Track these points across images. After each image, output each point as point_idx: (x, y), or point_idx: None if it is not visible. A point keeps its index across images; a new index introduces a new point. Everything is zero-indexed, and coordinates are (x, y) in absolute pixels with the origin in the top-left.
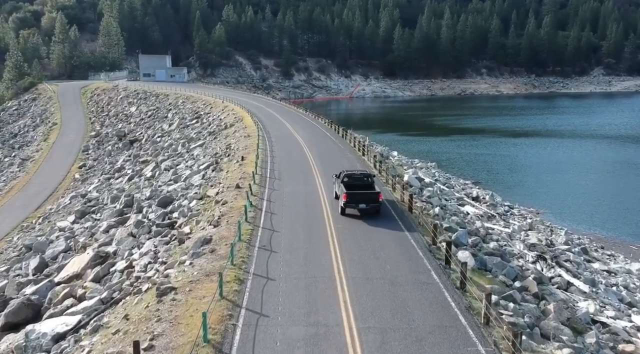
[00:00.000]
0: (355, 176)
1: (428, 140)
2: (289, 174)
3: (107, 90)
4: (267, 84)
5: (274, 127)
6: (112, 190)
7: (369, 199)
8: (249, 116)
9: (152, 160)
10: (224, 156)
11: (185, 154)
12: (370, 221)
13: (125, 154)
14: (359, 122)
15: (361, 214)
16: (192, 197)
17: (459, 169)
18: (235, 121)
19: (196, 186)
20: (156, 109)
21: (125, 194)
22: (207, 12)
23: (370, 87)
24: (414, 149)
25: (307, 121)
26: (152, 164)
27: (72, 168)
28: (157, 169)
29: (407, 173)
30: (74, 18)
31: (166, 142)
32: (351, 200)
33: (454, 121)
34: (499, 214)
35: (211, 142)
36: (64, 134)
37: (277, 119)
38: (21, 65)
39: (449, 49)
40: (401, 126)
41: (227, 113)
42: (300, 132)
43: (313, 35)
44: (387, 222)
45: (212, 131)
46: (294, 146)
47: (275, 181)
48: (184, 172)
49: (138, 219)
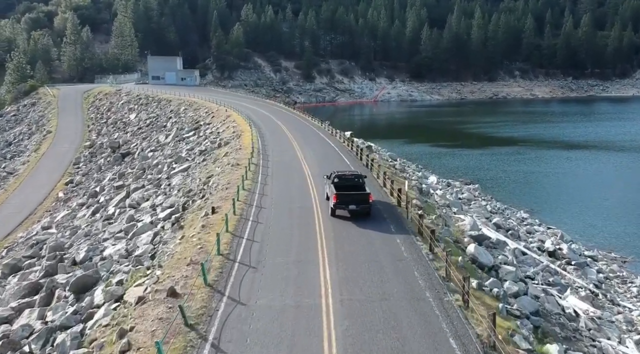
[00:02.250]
0: (346, 177)
1: (463, 153)
2: (279, 255)
3: (110, 95)
4: (287, 87)
5: (275, 148)
6: (61, 232)
7: (359, 200)
8: (250, 130)
9: (126, 187)
10: (197, 197)
11: (164, 181)
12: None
13: (113, 171)
14: (383, 128)
15: (351, 215)
16: (110, 295)
17: (507, 192)
18: (232, 138)
19: (134, 258)
20: (156, 117)
21: (49, 253)
22: (226, 12)
23: (395, 90)
24: (448, 165)
25: (320, 138)
26: (124, 192)
27: (58, 184)
28: (123, 202)
29: (466, 233)
30: (88, 18)
31: (155, 159)
32: (341, 201)
33: (489, 129)
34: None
35: (196, 166)
36: (57, 143)
37: (283, 135)
38: (23, 68)
39: (480, 50)
40: (430, 135)
41: (227, 125)
42: (310, 159)
43: (336, 36)
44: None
45: (204, 150)
46: (297, 185)
47: (248, 276)
48: (142, 219)
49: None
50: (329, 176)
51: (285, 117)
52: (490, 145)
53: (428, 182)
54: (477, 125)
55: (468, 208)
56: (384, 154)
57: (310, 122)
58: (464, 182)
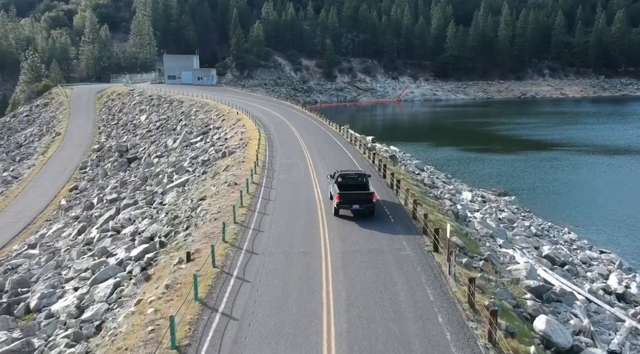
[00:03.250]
0: (350, 176)
1: (494, 158)
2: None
3: (122, 95)
4: (308, 87)
5: (284, 161)
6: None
7: (362, 199)
8: (258, 138)
9: (118, 202)
10: (181, 228)
11: (158, 197)
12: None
13: (117, 178)
14: (407, 130)
15: (354, 215)
16: None
17: (547, 205)
18: (238, 146)
19: (78, 324)
20: (167, 118)
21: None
22: (246, 10)
23: (419, 89)
24: (478, 172)
25: (337, 149)
26: (113, 210)
27: (62, 190)
28: (108, 224)
29: (522, 283)
30: (108, 17)
31: (158, 167)
32: (344, 200)
33: (520, 131)
34: None
35: (194, 181)
36: (65, 146)
37: (295, 143)
38: (38, 67)
39: (508, 48)
40: (457, 137)
41: (236, 131)
42: (324, 178)
43: (358, 34)
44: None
45: (207, 159)
46: (304, 220)
47: None
48: (115, 253)
49: None
50: (332, 175)
51: (300, 121)
52: (522, 149)
53: (462, 199)
54: (507, 126)
55: (512, 234)
56: (410, 163)
57: (327, 127)
58: (497, 192)
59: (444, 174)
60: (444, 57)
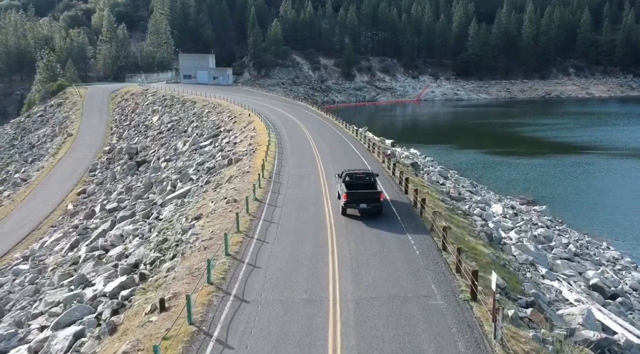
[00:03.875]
0: (357, 175)
1: (520, 162)
2: None
3: (136, 95)
4: (326, 86)
5: (293, 172)
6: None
7: (370, 198)
8: (267, 143)
9: (115, 213)
10: (168, 256)
11: (156, 209)
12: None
13: (125, 182)
14: (427, 131)
15: (362, 214)
16: None
17: (582, 216)
18: (245, 153)
19: None
20: (178, 120)
21: None
22: (264, 9)
23: (440, 88)
24: (504, 177)
25: (354, 156)
26: (108, 223)
27: (70, 194)
28: (97, 241)
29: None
30: (125, 16)
31: (164, 173)
32: (352, 199)
33: (546, 132)
34: None
35: (196, 191)
36: (76, 148)
37: (307, 149)
38: (53, 66)
39: (531, 46)
40: (480, 139)
41: (246, 135)
42: (336, 192)
43: (377, 32)
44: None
45: (213, 167)
46: (310, 255)
47: None
48: (93, 282)
49: None
50: (340, 174)
51: (314, 123)
52: (550, 152)
53: (493, 214)
54: (532, 127)
55: (552, 257)
56: (433, 170)
57: (343, 130)
58: (526, 200)
59: (469, 182)
60: (466, 55)
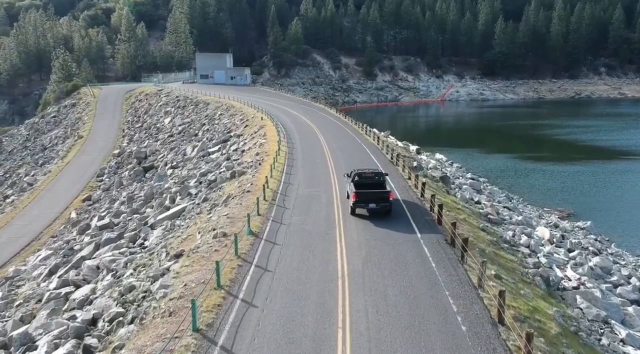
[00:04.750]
0: (366, 175)
1: (555, 169)
2: None
3: (150, 95)
4: (347, 86)
5: (302, 191)
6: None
7: (379, 198)
8: (276, 153)
9: (103, 231)
10: (130, 312)
11: (143, 233)
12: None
13: (130, 190)
14: (453, 133)
15: (370, 214)
16: None
17: (632, 236)
18: (251, 164)
19: None
20: (190, 122)
21: None
22: (284, 7)
23: (465, 88)
24: (539, 186)
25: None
26: (92, 246)
27: (75, 201)
28: (69, 275)
29: None
30: (145, 15)
31: (167, 183)
32: (360, 199)
33: (580, 136)
34: None
35: (189, 213)
36: (86, 151)
37: (321, 162)
38: (69, 66)
39: (560, 44)
40: (509, 142)
41: (255, 142)
42: (351, 223)
43: (400, 31)
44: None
45: (214, 180)
46: (315, 314)
47: None
48: (35, 347)
49: None
50: (349, 174)
51: (331, 128)
52: (586, 157)
53: (540, 241)
54: (564, 130)
55: (621, 302)
56: (464, 182)
57: (363, 137)
58: (565, 213)
59: (504, 195)
60: (492, 54)
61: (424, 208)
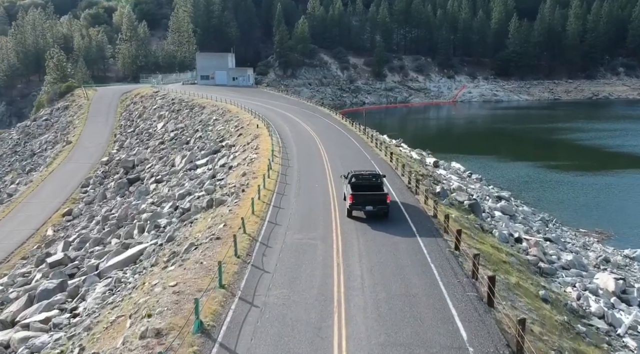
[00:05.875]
0: (363, 176)
1: (587, 181)
2: None
3: (146, 97)
4: (355, 86)
5: (289, 238)
6: None
7: (376, 200)
8: (266, 173)
9: (56, 269)
10: None
11: (81, 292)
12: None
13: (109, 207)
14: (466, 138)
15: (367, 216)
16: None
17: None
18: (234, 190)
19: None
20: (183, 128)
21: None
22: (291, 6)
23: (478, 89)
24: (570, 202)
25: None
26: (24, 298)
27: (54, 215)
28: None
29: None
30: (148, 14)
31: (144, 203)
32: (357, 201)
33: (606, 140)
34: None
35: (146, 258)
36: (73, 158)
37: (322, 185)
38: (64, 66)
39: (577, 43)
40: (527, 148)
41: (246, 157)
42: (362, 278)
43: (411, 30)
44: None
45: (188, 209)
46: None
47: None
48: None
49: None
50: (346, 175)
51: (336, 138)
52: (617, 166)
53: (603, 291)
54: (586, 134)
55: None
56: (494, 205)
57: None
58: (605, 235)
59: (538, 218)
60: (506, 54)
61: (462, 273)
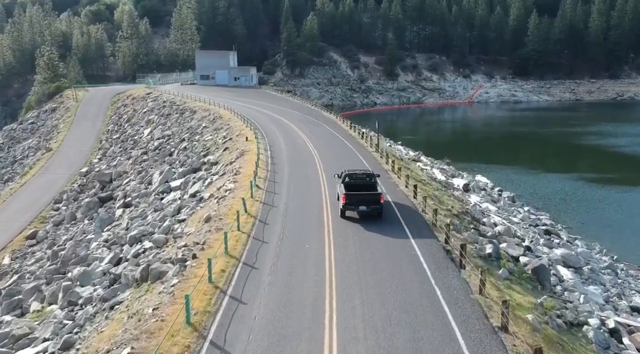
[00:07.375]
0: (357, 176)
1: (620, 196)
2: None
3: (137, 99)
4: (366, 86)
5: (260, 320)
6: None
7: (369, 200)
8: (240, 214)
9: None
10: None
11: None
12: None
13: (71, 233)
14: (484, 143)
15: (360, 216)
16: None
17: None
18: (195, 245)
19: None
20: (170, 136)
21: None
22: (300, 2)
23: (495, 89)
24: (605, 221)
25: (403, 242)
26: None
27: (17, 238)
28: None
29: None
30: (151, 10)
31: (94, 243)
32: (350, 202)
33: None
34: None
35: None
36: (50, 167)
37: (316, 225)
38: (55, 65)
39: (600, 41)
40: (555, 155)
41: (224, 182)
42: None
43: (424, 27)
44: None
45: (115, 277)
46: None
47: None
48: None
49: None
50: (339, 174)
51: (339, 153)
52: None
53: None
54: (617, 140)
55: None
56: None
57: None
58: None
59: (606, 264)
60: (525, 52)
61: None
